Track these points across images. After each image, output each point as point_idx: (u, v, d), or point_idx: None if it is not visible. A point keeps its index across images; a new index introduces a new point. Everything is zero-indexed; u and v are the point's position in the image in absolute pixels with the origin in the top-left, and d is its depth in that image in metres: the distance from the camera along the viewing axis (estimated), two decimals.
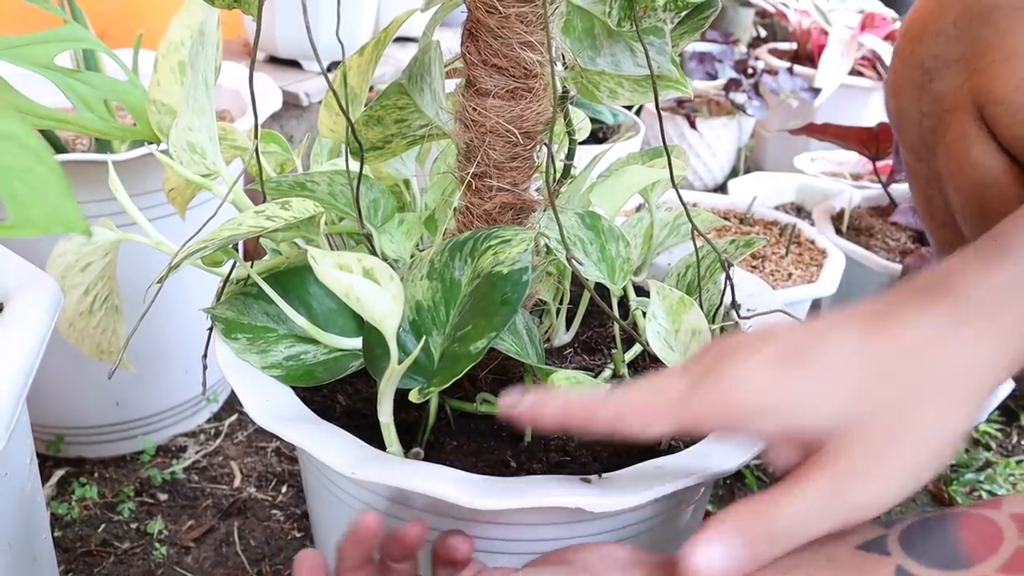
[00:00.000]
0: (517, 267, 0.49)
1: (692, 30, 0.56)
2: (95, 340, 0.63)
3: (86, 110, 0.75)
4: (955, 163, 0.62)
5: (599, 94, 0.57)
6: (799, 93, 1.69)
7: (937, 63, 0.62)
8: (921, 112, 0.65)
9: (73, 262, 0.59)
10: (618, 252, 0.59)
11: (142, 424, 0.99)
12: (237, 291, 0.58)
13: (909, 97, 0.66)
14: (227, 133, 0.66)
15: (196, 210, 0.69)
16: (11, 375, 0.48)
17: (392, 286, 0.44)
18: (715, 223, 0.71)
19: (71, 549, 0.85)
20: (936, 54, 0.62)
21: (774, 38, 2.41)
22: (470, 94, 0.51)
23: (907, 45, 0.65)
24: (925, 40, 0.63)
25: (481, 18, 0.48)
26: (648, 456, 0.50)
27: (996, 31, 0.58)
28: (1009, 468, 1.03)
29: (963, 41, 0.60)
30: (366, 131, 0.57)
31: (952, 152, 0.62)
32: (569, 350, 0.63)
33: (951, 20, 0.61)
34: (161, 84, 0.73)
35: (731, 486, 0.98)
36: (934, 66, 0.63)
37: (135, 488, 0.93)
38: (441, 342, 0.51)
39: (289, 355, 0.55)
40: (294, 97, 1.41)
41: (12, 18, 1.30)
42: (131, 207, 0.57)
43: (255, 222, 0.51)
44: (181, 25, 0.75)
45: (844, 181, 1.37)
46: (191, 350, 0.98)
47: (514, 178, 0.53)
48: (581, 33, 0.55)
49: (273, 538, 0.88)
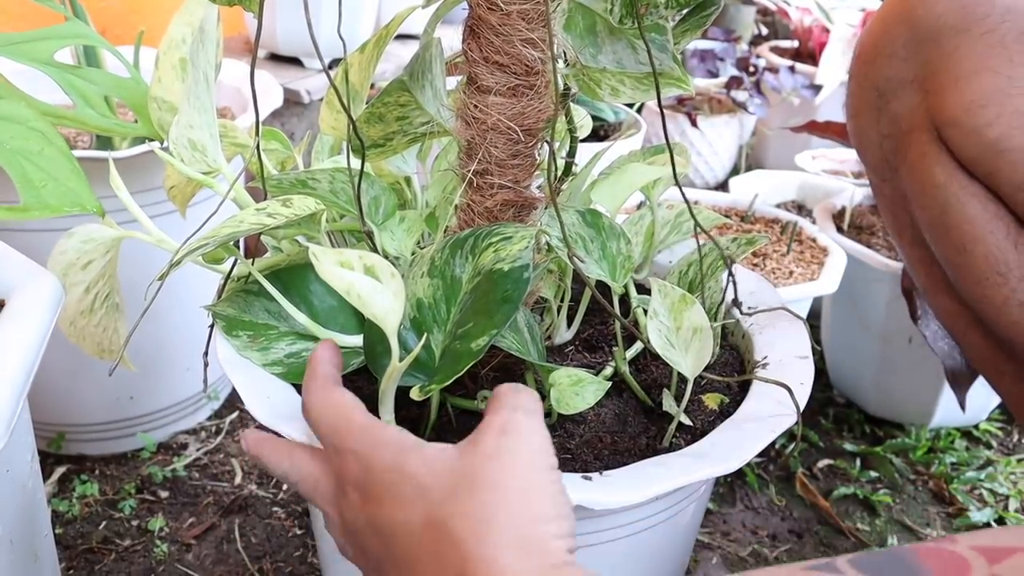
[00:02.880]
0: (518, 264, 0.49)
1: (694, 28, 0.56)
2: (96, 338, 0.63)
3: (85, 106, 0.75)
4: (917, 183, 0.62)
5: (600, 91, 0.57)
6: (800, 91, 1.68)
7: (891, 85, 0.63)
8: (880, 134, 0.65)
9: (74, 260, 0.59)
10: (619, 250, 0.59)
11: (143, 421, 0.99)
12: (238, 288, 0.58)
13: (867, 119, 0.66)
14: (228, 130, 0.66)
15: (197, 207, 0.69)
16: (12, 373, 0.48)
17: (393, 283, 0.44)
18: (716, 221, 0.71)
19: (72, 546, 0.85)
20: (889, 76, 0.62)
21: (775, 36, 2.40)
22: (471, 91, 0.51)
23: (860, 68, 0.65)
24: (877, 63, 0.63)
25: (483, 15, 0.48)
26: (649, 454, 0.50)
27: (943, 53, 0.58)
28: (1010, 466, 1.03)
29: (914, 62, 0.61)
30: (367, 128, 0.57)
31: (914, 172, 0.62)
32: (570, 348, 0.63)
33: (900, 43, 0.61)
34: (162, 81, 0.73)
35: (731, 484, 0.98)
36: (888, 88, 0.63)
37: (136, 485, 0.93)
38: (442, 340, 0.51)
39: (290, 352, 0.55)
40: (295, 94, 1.41)
41: (14, 15, 1.30)
42: (132, 204, 0.57)
43: (256, 219, 0.51)
44: (182, 22, 0.75)
45: (846, 179, 1.37)
46: (192, 348, 0.98)
47: (515, 175, 0.53)
48: (583, 30, 0.55)
49: (274, 535, 0.88)
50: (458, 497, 0.37)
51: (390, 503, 0.39)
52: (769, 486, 0.98)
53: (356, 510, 0.41)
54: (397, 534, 0.38)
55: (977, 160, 0.57)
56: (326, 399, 0.44)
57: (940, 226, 0.61)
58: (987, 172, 0.57)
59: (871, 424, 1.10)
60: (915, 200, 0.63)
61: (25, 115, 0.42)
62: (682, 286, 0.64)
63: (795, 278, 0.99)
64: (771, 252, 1.07)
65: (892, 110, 0.63)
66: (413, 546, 0.37)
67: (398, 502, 0.39)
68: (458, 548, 0.35)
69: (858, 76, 0.66)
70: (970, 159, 0.57)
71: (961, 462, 1.03)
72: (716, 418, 0.56)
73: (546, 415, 0.55)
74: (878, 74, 0.63)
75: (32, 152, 0.43)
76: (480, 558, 0.34)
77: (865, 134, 0.67)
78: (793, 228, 1.10)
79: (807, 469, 1.02)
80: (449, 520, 0.36)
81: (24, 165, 0.44)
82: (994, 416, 1.12)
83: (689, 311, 0.54)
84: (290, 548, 0.86)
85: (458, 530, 0.36)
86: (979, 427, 1.09)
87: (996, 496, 0.99)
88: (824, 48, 1.75)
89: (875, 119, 0.65)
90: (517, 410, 0.40)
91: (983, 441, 1.08)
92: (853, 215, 1.17)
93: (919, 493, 1.00)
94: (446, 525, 0.36)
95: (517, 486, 0.37)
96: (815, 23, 1.88)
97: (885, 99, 0.63)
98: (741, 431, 0.51)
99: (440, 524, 0.36)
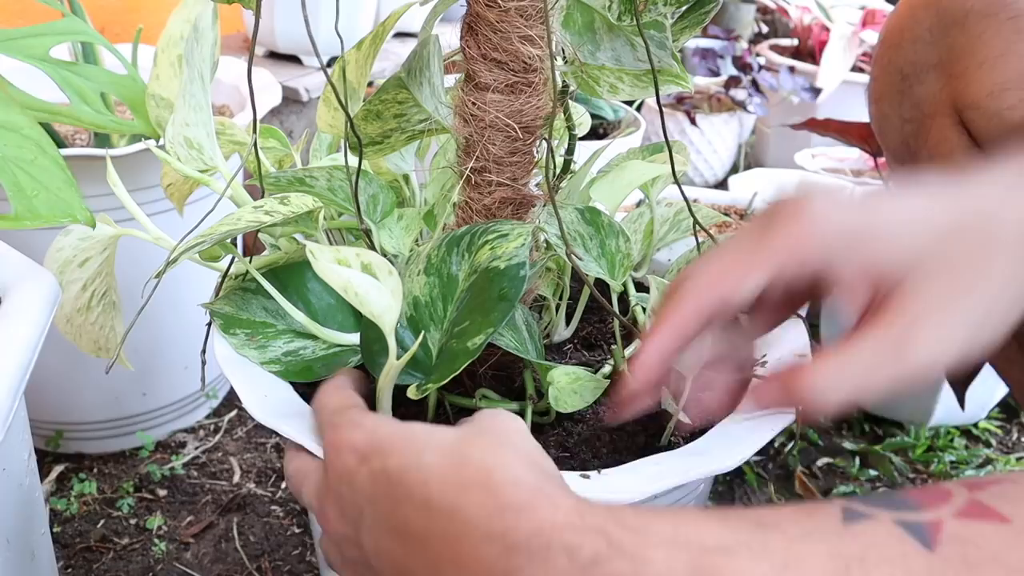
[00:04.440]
0: (514, 262, 0.49)
1: (693, 25, 0.56)
2: (93, 336, 0.63)
3: (81, 103, 0.74)
4: (938, 167, 0.62)
5: (599, 89, 0.57)
6: (800, 91, 1.68)
7: (915, 69, 0.63)
8: (902, 118, 0.65)
9: (71, 257, 0.59)
10: (618, 248, 0.59)
11: (141, 420, 0.99)
12: (236, 286, 0.58)
13: (890, 103, 0.66)
14: (225, 128, 0.66)
15: (194, 205, 0.69)
16: (8, 370, 0.48)
17: (391, 281, 0.44)
18: (716, 219, 0.71)
19: (70, 545, 0.85)
20: (914, 60, 0.63)
21: (775, 34, 2.40)
22: (469, 89, 0.51)
23: (885, 52, 0.66)
24: (902, 47, 0.64)
25: (480, 12, 0.48)
26: (648, 453, 0.50)
27: (969, 37, 0.58)
28: (1009, 465, 1.03)
29: (939, 47, 0.61)
30: (365, 126, 0.56)
31: (935, 156, 0.62)
32: (569, 346, 0.63)
33: (926, 27, 0.62)
34: (160, 78, 0.72)
35: (731, 482, 0.98)
36: (912, 72, 0.63)
37: (134, 484, 0.93)
38: (439, 338, 0.51)
39: (288, 350, 0.55)
40: (293, 92, 1.41)
41: (11, 12, 1.30)
42: (129, 202, 0.57)
43: (253, 217, 0.51)
44: (180, 19, 0.75)
45: (845, 177, 1.36)
46: (190, 346, 0.97)
47: (514, 173, 0.53)
48: (581, 27, 0.54)
49: (272, 534, 0.88)
50: (471, 436, 0.37)
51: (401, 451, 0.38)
52: (768, 484, 0.98)
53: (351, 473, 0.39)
54: (421, 470, 0.36)
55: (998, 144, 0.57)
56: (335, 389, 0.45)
57: None
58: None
59: (870, 422, 1.10)
60: None
61: (19, 123, 0.41)
62: None
63: None
64: None
65: (915, 94, 0.64)
66: (441, 473, 0.36)
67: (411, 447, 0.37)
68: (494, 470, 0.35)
69: (882, 60, 0.66)
70: (990, 142, 0.57)
71: (960, 461, 1.03)
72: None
73: (544, 414, 0.55)
74: (903, 58, 0.64)
75: (25, 160, 0.43)
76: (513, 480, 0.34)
77: (887, 118, 0.67)
78: None
79: (806, 467, 1.02)
80: (470, 450, 0.36)
81: (16, 173, 0.44)
82: (993, 415, 1.12)
83: None
84: (288, 547, 0.86)
85: (488, 456, 0.35)
86: (978, 426, 1.09)
87: None
88: (824, 47, 1.74)
89: (897, 103, 0.65)
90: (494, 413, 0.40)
91: (982, 440, 1.08)
92: None
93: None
94: (470, 447, 0.36)
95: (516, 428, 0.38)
96: (815, 21, 1.87)
97: (908, 83, 0.64)
98: (740, 429, 0.51)
99: (464, 447, 0.36)
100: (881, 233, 0.39)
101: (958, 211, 0.40)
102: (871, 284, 0.39)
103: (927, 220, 0.39)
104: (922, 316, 0.37)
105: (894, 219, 0.39)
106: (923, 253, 0.39)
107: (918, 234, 0.39)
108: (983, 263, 0.38)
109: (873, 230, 0.39)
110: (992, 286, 0.38)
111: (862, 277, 0.39)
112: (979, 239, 0.39)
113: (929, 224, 0.39)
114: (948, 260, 0.38)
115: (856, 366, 0.39)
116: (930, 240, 0.39)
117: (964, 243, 0.39)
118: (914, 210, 0.40)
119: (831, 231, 0.39)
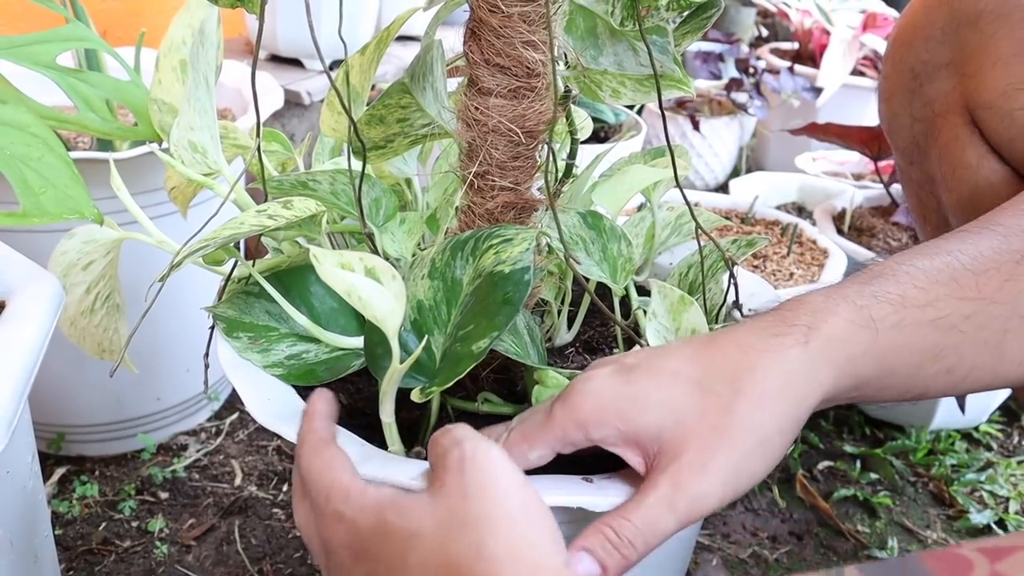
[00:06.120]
0: (519, 266, 0.49)
1: (695, 30, 0.56)
2: (96, 339, 0.63)
3: (88, 110, 0.75)
4: (948, 165, 0.62)
5: (601, 93, 0.57)
6: (801, 93, 1.69)
7: (927, 68, 0.63)
8: (912, 116, 0.65)
9: (75, 260, 0.59)
10: (620, 251, 0.59)
11: (143, 422, 0.99)
12: (239, 290, 0.58)
13: (900, 101, 0.66)
14: (229, 132, 0.66)
15: (197, 209, 0.69)
16: (13, 373, 0.48)
17: (394, 285, 0.44)
18: (717, 223, 0.71)
19: (72, 547, 0.85)
20: (926, 59, 0.63)
21: (776, 38, 2.40)
22: (472, 93, 0.51)
23: (897, 51, 0.66)
24: (914, 45, 0.64)
25: (484, 17, 0.48)
26: None
27: (983, 37, 0.58)
28: (1010, 468, 1.03)
29: (951, 46, 0.61)
30: (368, 130, 0.57)
31: (945, 155, 0.62)
32: (570, 349, 0.63)
33: (939, 26, 0.62)
34: (163, 83, 0.73)
35: None
36: (924, 71, 0.63)
37: (136, 486, 0.93)
38: (443, 342, 0.51)
39: (291, 354, 0.55)
40: (296, 96, 1.41)
41: (14, 16, 1.30)
42: (133, 206, 0.57)
43: (257, 221, 0.51)
44: (183, 24, 0.75)
45: (846, 181, 1.37)
46: (192, 349, 0.98)
47: (516, 177, 0.53)
48: (584, 32, 0.55)
49: (274, 537, 0.88)
50: (452, 537, 0.38)
51: (387, 560, 0.39)
52: (769, 488, 0.98)
53: (347, 570, 0.41)
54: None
55: (1010, 144, 0.57)
56: (319, 462, 0.45)
57: (969, 208, 0.61)
58: (1020, 156, 0.57)
59: (871, 426, 1.10)
60: (944, 183, 0.63)
61: (26, 121, 0.41)
62: (682, 288, 0.64)
63: (795, 280, 1.00)
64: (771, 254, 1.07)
65: (926, 93, 0.64)
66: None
67: (391, 557, 0.39)
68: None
69: (894, 58, 0.66)
70: (1003, 143, 0.58)
71: (961, 464, 1.03)
72: None
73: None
74: (915, 56, 0.64)
75: (32, 158, 0.43)
76: None
77: (897, 117, 0.67)
78: (793, 230, 1.10)
79: (807, 471, 1.02)
80: (454, 558, 0.37)
81: (24, 171, 0.44)
82: (994, 418, 1.12)
83: (688, 312, 0.54)
84: (290, 549, 0.86)
85: (465, 566, 0.37)
86: (979, 429, 1.09)
87: (996, 498, 0.99)
88: (824, 50, 1.75)
89: (908, 101, 0.66)
90: (459, 443, 0.41)
91: (983, 443, 1.08)
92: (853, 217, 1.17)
93: (919, 495, 1.00)
94: (453, 563, 0.37)
95: (503, 515, 0.38)
96: (815, 25, 1.88)
97: (919, 81, 0.64)
98: None
99: (446, 564, 0.37)
100: (640, 406, 0.43)
101: (714, 360, 0.43)
102: (639, 450, 0.43)
103: (684, 375, 0.43)
104: (682, 484, 0.41)
105: (648, 388, 0.43)
106: (677, 412, 0.42)
107: (674, 393, 0.42)
108: (735, 406, 0.42)
109: (634, 405, 0.43)
110: (736, 445, 0.41)
111: (631, 444, 0.43)
112: (730, 384, 0.42)
113: (685, 379, 0.43)
114: (704, 411, 0.42)
115: (643, 520, 0.42)
116: (686, 395, 0.42)
117: (717, 390, 0.42)
118: (670, 370, 0.43)
119: (590, 410, 0.43)
